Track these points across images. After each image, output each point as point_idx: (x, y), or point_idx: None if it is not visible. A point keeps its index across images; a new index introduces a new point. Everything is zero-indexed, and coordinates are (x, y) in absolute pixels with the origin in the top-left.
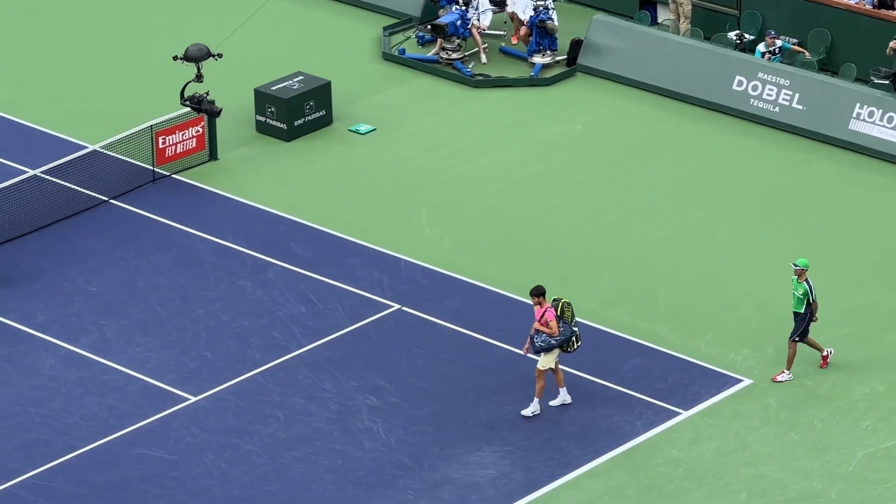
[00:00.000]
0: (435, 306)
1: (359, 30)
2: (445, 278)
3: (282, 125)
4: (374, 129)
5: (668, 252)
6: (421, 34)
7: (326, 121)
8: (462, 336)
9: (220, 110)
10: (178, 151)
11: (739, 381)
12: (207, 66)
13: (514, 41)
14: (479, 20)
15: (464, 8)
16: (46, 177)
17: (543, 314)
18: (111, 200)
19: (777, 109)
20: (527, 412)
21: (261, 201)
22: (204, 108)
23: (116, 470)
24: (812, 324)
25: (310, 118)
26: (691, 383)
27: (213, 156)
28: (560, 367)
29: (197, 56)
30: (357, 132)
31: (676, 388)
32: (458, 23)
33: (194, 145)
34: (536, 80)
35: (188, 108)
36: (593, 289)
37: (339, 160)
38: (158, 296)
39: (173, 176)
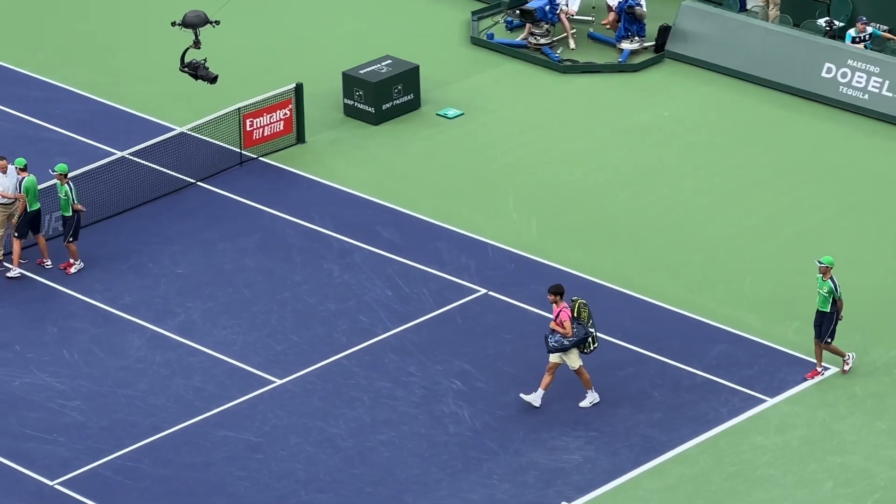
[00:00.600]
0: (521, 291)
1: (447, 14)
2: (532, 263)
3: (370, 109)
4: (462, 114)
5: (756, 239)
6: (509, 19)
7: (414, 105)
8: (548, 321)
9: (216, 76)
10: (265, 134)
11: (827, 368)
12: (299, 48)
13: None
14: (567, 5)
15: None
16: (135, 159)
17: (559, 314)
18: (198, 183)
19: (866, 97)
20: (585, 403)
21: (348, 184)
22: (200, 74)
23: (202, 452)
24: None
25: (398, 102)
26: (777, 370)
27: (300, 139)
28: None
29: (195, 22)
30: (445, 116)
31: (762, 375)
32: (547, 8)
33: (282, 128)
34: (624, 66)
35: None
36: (679, 274)
37: (426, 144)
38: (245, 278)
39: (261, 159)
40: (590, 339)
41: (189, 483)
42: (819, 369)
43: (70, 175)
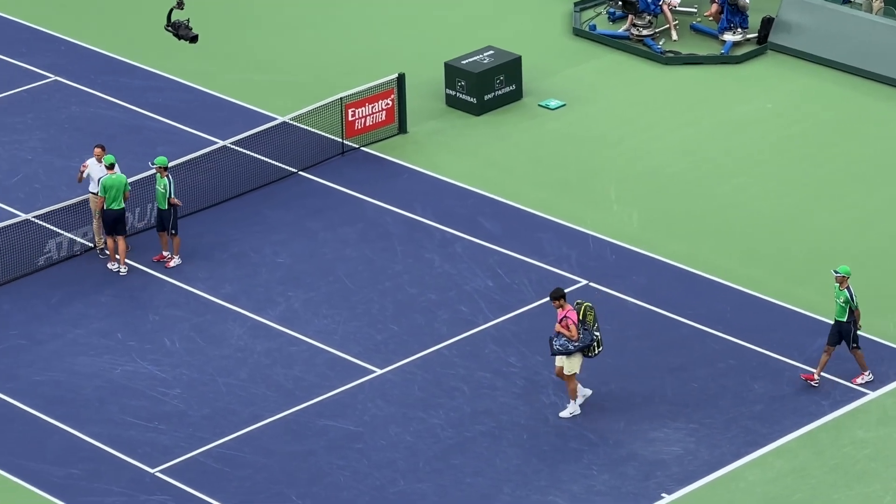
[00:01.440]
0: (622, 282)
1: (550, 5)
2: (633, 254)
3: (472, 99)
4: (564, 105)
5: (857, 232)
6: (612, 10)
7: (516, 95)
8: (649, 312)
9: (196, 36)
10: (367, 124)
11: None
12: (401, 39)
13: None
14: None
15: None
16: (236, 148)
17: (564, 317)
18: (300, 172)
19: None
20: (565, 413)
21: (449, 175)
22: (181, 33)
23: (302, 440)
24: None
25: (500, 93)
26: (879, 364)
27: (402, 129)
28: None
29: None
30: (547, 107)
31: None
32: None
33: (384, 118)
34: (727, 58)
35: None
36: (781, 267)
37: (528, 135)
38: (346, 268)
39: (362, 149)
40: (594, 344)
41: (289, 472)
42: (817, 377)
43: (172, 164)
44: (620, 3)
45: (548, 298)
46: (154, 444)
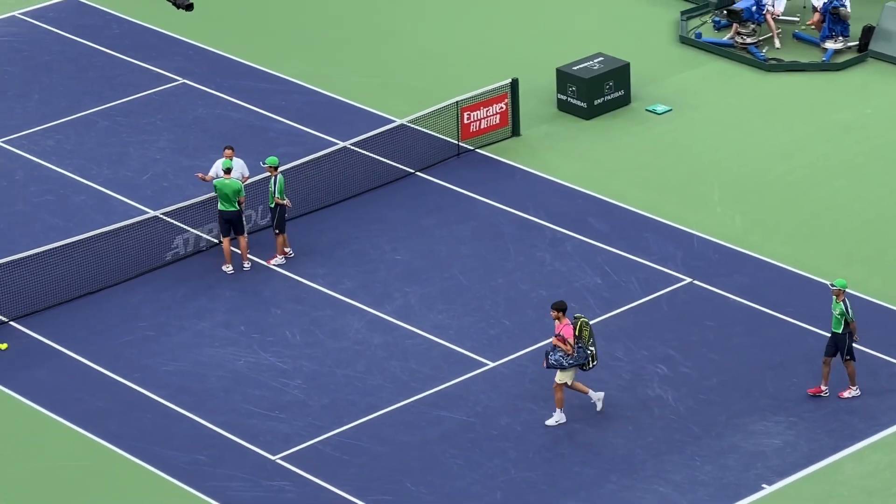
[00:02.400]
0: (725, 281)
1: (657, 14)
2: (736, 254)
3: (582, 104)
4: (671, 110)
5: None
6: (717, 19)
7: (625, 100)
8: (751, 310)
9: (191, 4)
10: (482, 127)
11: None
12: (514, 45)
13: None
14: (773, 6)
15: None
16: (356, 149)
17: (561, 330)
18: (417, 172)
19: None
20: (551, 422)
21: (560, 176)
22: (178, 2)
23: (417, 430)
24: (854, 343)
25: (609, 98)
26: None
27: (515, 131)
28: (578, 384)
29: None
30: (654, 112)
31: None
32: (754, 8)
33: (498, 121)
34: (828, 65)
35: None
36: (879, 267)
37: (636, 139)
38: (460, 265)
39: (477, 150)
40: (588, 359)
41: (404, 460)
42: (823, 388)
43: (295, 164)
44: (725, 12)
45: (654, 295)
46: (275, 433)
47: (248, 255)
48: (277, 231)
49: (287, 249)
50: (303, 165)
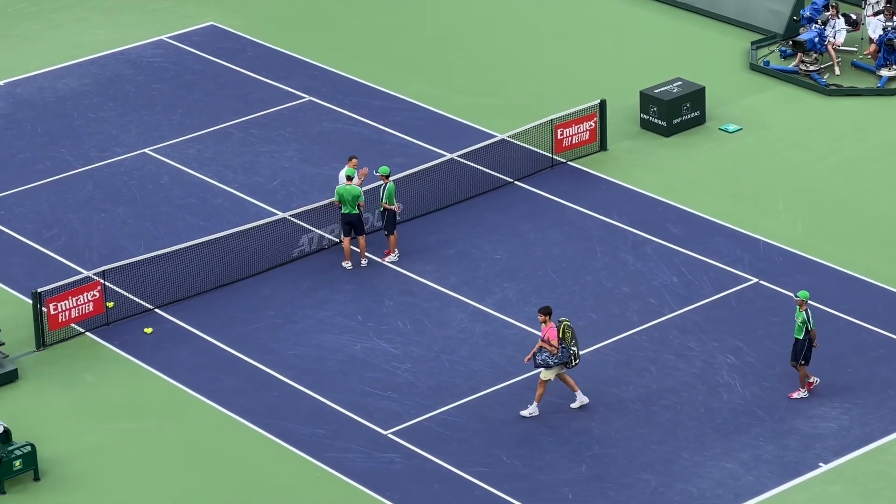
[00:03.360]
0: (788, 281)
1: (731, 43)
2: (797, 257)
3: (662, 123)
4: (741, 129)
5: None
6: (783, 48)
7: (700, 120)
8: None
9: None
10: (573, 142)
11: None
12: (603, 70)
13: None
14: (834, 37)
15: (822, 27)
16: (461, 160)
17: (547, 332)
18: (515, 182)
19: None
20: (525, 413)
21: (642, 187)
22: None
23: (512, 410)
24: (814, 349)
25: (686, 118)
26: None
27: (603, 147)
28: (568, 376)
29: None
30: (726, 131)
31: None
32: (816, 39)
33: (587, 137)
34: (883, 90)
35: (582, 106)
36: None
37: (709, 154)
38: (553, 264)
39: (568, 163)
40: (571, 358)
41: (500, 436)
42: (802, 391)
43: (406, 173)
44: (791, 42)
45: (724, 293)
46: (387, 410)
47: (366, 254)
48: (387, 232)
49: (396, 251)
50: (414, 174)
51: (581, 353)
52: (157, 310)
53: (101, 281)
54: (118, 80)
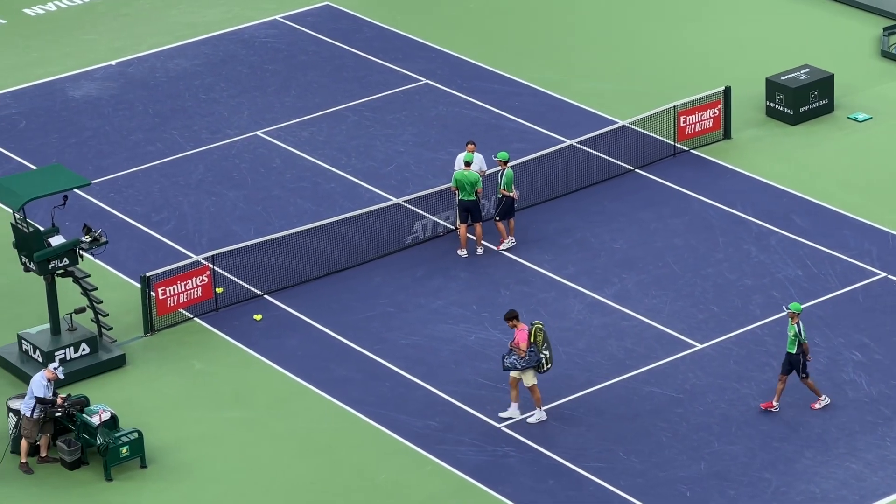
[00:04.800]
0: None
1: (861, 29)
2: None
3: (788, 111)
4: (871, 118)
5: None
6: None
7: (828, 109)
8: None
9: None
10: (696, 130)
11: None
12: (727, 55)
13: None
14: None
15: None
16: (582, 147)
17: (516, 336)
18: (636, 170)
19: None
20: (532, 420)
21: (767, 177)
22: None
23: (630, 404)
24: (808, 363)
25: (813, 106)
26: None
27: (726, 135)
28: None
29: None
30: (855, 120)
31: None
32: None
33: (711, 125)
34: None
35: (707, 93)
36: None
37: (837, 144)
38: (673, 255)
39: (691, 151)
40: (543, 361)
41: (617, 431)
42: (775, 403)
43: (525, 159)
44: None
45: (850, 287)
46: (502, 403)
47: (482, 241)
48: (498, 218)
49: (511, 237)
50: (533, 161)
51: (702, 346)
52: (266, 296)
53: (211, 266)
54: (231, 60)
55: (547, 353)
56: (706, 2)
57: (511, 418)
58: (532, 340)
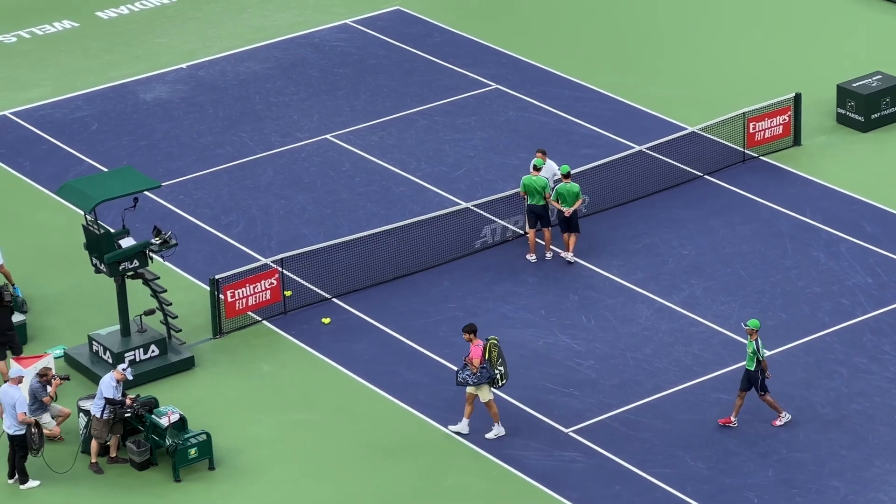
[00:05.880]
0: None
1: None
2: None
3: (860, 118)
4: None
5: None
6: None
7: None
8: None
9: None
10: (766, 136)
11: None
12: (798, 61)
13: None
14: None
15: None
16: (651, 153)
17: (471, 351)
18: (705, 176)
19: None
20: (490, 435)
21: (837, 184)
22: None
23: (697, 410)
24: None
25: (885, 113)
26: None
27: (796, 141)
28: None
29: None
30: None
31: None
32: None
33: (781, 132)
34: None
35: (775, 100)
36: None
37: None
38: (742, 261)
39: (761, 158)
40: (498, 377)
41: (684, 437)
42: (733, 419)
43: (594, 165)
44: None
45: None
46: (568, 408)
47: (551, 247)
48: (560, 229)
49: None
50: (602, 166)
51: (770, 353)
52: (335, 299)
53: (279, 269)
54: (301, 63)
55: (502, 368)
56: (776, 7)
57: (460, 433)
58: (486, 356)
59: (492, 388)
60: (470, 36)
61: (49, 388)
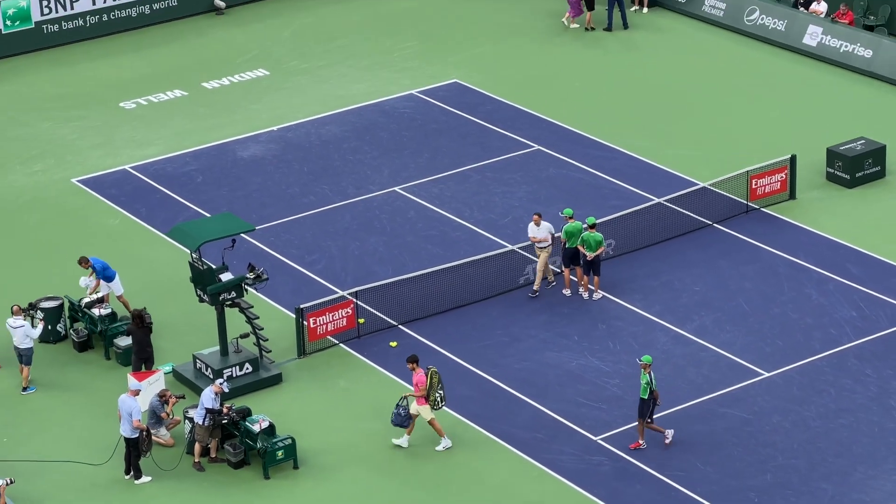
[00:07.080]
0: None
1: None
2: None
3: (846, 176)
4: None
5: None
6: None
7: (881, 174)
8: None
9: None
10: (766, 191)
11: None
12: (793, 128)
13: None
14: None
15: None
16: (668, 204)
17: (416, 379)
18: (714, 224)
19: None
20: (440, 448)
21: (827, 231)
22: None
23: (706, 422)
24: (656, 407)
25: (868, 172)
26: None
27: (792, 195)
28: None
29: None
30: None
31: None
32: None
33: (778, 187)
34: None
35: (776, 160)
36: None
37: (888, 205)
38: (745, 297)
39: (762, 209)
40: (438, 399)
41: (695, 445)
42: (641, 442)
43: (620, 214)
44: None
45: None
46: (597, 419)
47: (588, 286)
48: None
49: (585, 285)
50: (627, 215)
51: (769, 374)
52: (401, 326)
53: (354, 300)
54: (373, 127)
55: (441, 392)
56: (775, 82)
57: (400, 446)
58: (428, 383)
59: (433, 409)
60: (516, 105)
61: (166, 407)
